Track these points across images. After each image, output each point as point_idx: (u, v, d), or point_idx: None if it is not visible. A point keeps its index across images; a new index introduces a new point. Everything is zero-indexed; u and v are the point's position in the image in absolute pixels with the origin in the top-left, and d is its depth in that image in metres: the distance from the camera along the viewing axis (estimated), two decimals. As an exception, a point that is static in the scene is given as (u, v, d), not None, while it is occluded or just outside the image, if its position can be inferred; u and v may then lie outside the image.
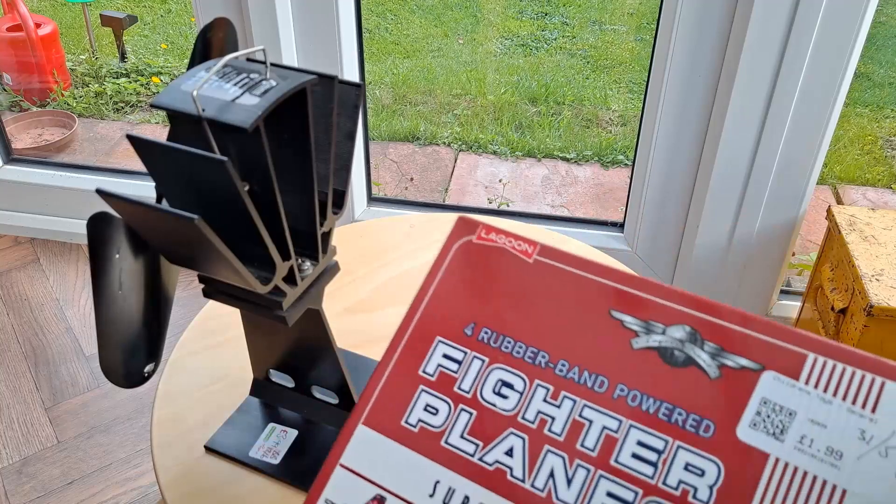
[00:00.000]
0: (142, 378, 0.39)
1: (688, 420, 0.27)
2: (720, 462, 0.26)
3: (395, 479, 0.28)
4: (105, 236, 0.34)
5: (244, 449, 0.45)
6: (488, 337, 0.31)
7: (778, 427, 0.26)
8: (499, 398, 0.29)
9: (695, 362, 0.28)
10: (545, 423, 0.28)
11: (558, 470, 0.27)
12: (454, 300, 0.32)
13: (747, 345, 0.28)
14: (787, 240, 1.15)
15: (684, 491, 0.26)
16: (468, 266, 0.33)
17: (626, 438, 0.27)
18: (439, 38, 2.38)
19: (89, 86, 2.08)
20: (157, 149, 0.31)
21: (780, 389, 0.27)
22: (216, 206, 0.30)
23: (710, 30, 1.01)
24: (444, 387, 0.30)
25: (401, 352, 0.31)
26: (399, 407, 0.30)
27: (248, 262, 0.33)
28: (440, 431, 0.29)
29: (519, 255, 0.33)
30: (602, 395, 0.28)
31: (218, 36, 0.38)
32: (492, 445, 0.28)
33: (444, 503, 0.28)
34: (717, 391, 0.28)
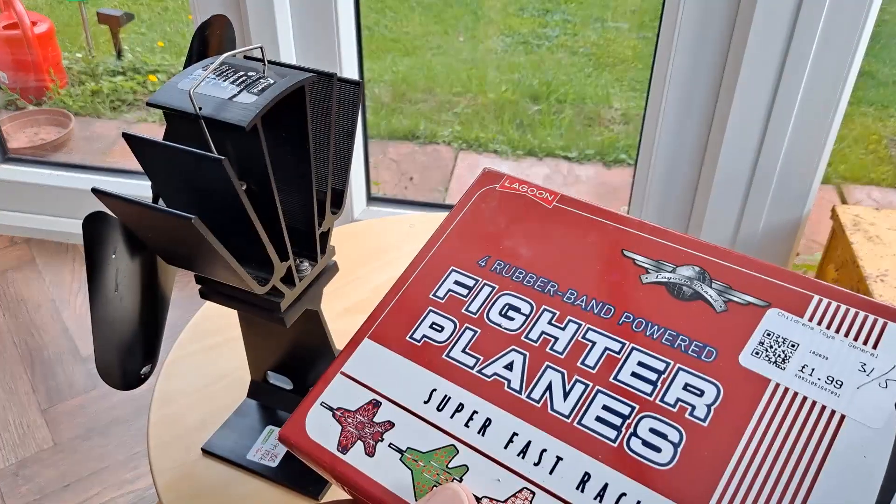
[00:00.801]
0: (138, 380, 0.39)
1: (690, 346, 0.28)
2: (720, 384, 0.27)
3: (393, 386, 0.29)
4: (101, 236, 0.33)
5: (242, 451, 0.44)
6: (501, 268, 0.32)
7: (780, 356, 0.27)
8: (504, 319, 0.31)
9: (702, 296, 0.30)
10: (548, 343, 0.30)
11: (556, 384, 0.28)
12: (471, 237, 0.34)
13: (755, 285, 0.29)
14: (791, 240, 1.14)
15: (682, 408, 0.27)
16: (488, 209, 0.35)
17: (628, 359, 0.28)
18: (439, 36, 2.38)
19: (86, 84, 2.07)
20: (154, 148, 0.30)
21: (784, 324, 0.28)
22: (213, 206, 0.30)
23: (713, 27, 1.01)
24: (452, 308, 0.31)
25: (414, 278, 0.33)
26: (406, 324, 0.31)
27: (245, 263, 0.33)
28: (443, 346, 0.30)
29: (539, 201, 0.34)
30: (607, 321, 0.30)
31: (215, 34, 0.37)
32: (492, 360, 0.30)
33: (437, 409, 0.29)
34: (722, 322, 0.29)
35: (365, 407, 0.29)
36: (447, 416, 0.28)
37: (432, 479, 0.27)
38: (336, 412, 0.30)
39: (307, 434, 0.29)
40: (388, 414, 0.29)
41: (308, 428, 0.29)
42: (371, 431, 0.29)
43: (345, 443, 0.29)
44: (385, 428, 0.29)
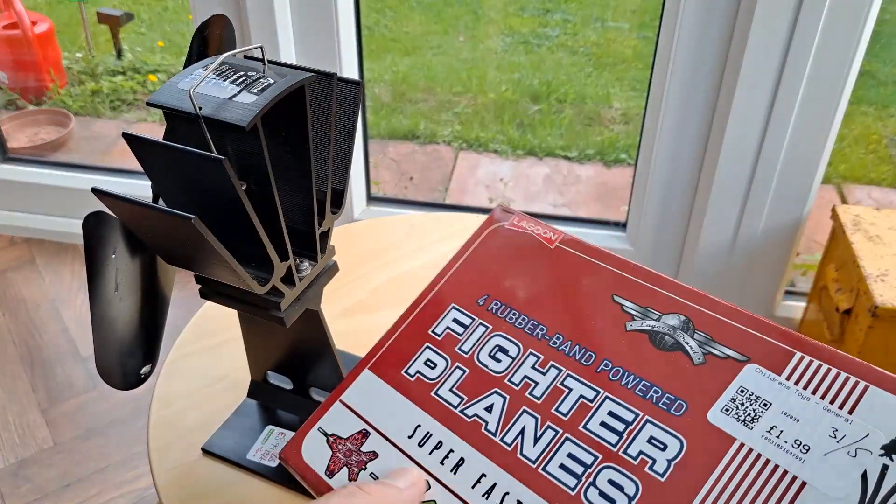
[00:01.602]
0: (138, 380, 0.39)
1: (662, 398, 0.29)
2: (684, 439, 0.28)
3: (383, 418, 0.32)
4: (101, 236, 0.33)
5: (242, 451, 0.44)
6: (497, 308, 0.34)
7: (749, 415, 0.27)
8: (492, 361, 0.33)
9: (682, 347, 0.30)
10: (528, 387, 0.31)
11: (529, 428, 0.30)
12: (475, 275, 0.36)
13: (737, 338, 0.30)
14: (791, 240, 1.14)
15: (643, 461, 0.27)
16: (494, 247, 0.37)
17: (599, 408, 0.29)
18: (439, 35, 2.37)
19: (86, 84, 2.07)
20: (153, 147, 0.30)
21: (760, 381, 0.28)
22: (213, 206, 0.30)
23: (713, 27, 1.01)
24: (447, 346, 0.34)
25: (417, 313, 0.35)
26: (403, 358, 0.34)
27: (245, 263, 0.33)
28: (433, 383, 0.33)
29: (543, 241, 0.36)
30: (586, 368, 0.31)
31: (215, 33, 0.37)
32: (475, 400, 0.31)
33: (419, 444, 0.31)
34: (697, 375, 0.29)
35: (355, 436, 0.32)
36: (426, 452, 0.30)
37: None
38: (330, 438, 0.32)
39: (302, 456, 0.32)
40: (374, 444, 0.31)
41: (304, 450, 0.32)
42: (357, 460, 0.31)
43: (332, 468, 0.31)
44: (369, 458, 0.31)
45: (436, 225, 0.67)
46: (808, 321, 1.19)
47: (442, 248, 0.63)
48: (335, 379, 0.43)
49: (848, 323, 1.01)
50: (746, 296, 1.21)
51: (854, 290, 1.01)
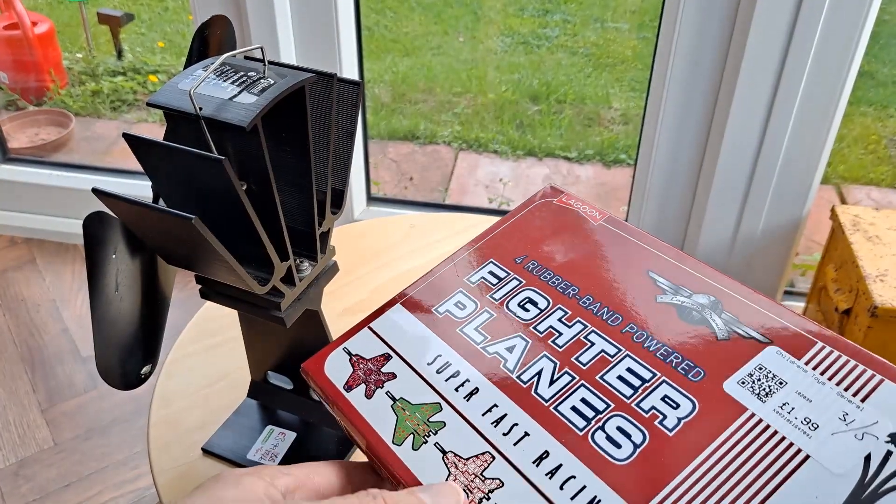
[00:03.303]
0: (139, 380, 0.39)
1: (682, 363, 0.30)
2: (697, 402, 0.29)
3: (407, 346, 0.34)
4: (101, 236, 0.33)
5: (242, 451, 0.44)
6: (533, 267, 0.36)
7: (764, 390, 0.29)
8: (520, 309, 0.34)
9: (707, 322, 0.31)
10: (551, 336, 0.33)
11: (546, 371, 0.31)
12: (517, 239, 0.38)
13: (763, 322, 0.31)
14: (790, 240, 1.14)
15: (653, 415, 0.29)
16: (539, 217, 0.39)
17: (619, 364, 0.31)
18: (439, 36, 2.38)
19: (86, 84, 2.07)
20: (154, 148, 0.30)
21: (779, 362, 0.29)
22: (214, 206, 0.30)
23: (712, 28, 1.01)
24: (479, 292, 0.36)
25: (454, 264, 0.38)
26: (435, 298, 0.36)
27: (245, 263, 0.33)
28: (459, 321, 0.34)
29: (587, 217, 0.38)
30: (611, 328, 0.32)
31: (215, 34, 0.37)
32: (498, 340, 0.33)
33: (437, 371, 0.32)
34: (719, 349, 0.30)
35: (377, 358, 0.34)
36: (442, 379, 0.32)
37: (412, 427, 0.31)
38: (353, 357, 0.34)
39: (323, 370, 0.34)
40: (394, 367, 0.33)
41: (326, 365, 0.34)
42: (375, 378, 0.33)
43: (351, 383, 0.33)
44: (388, 378, 0.33)
45: (436, 225, 0.67)
46: (808, 321, 1.19)
47: (442, 248, 0.64)
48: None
49: (847, 323, 1.01)
50: (746, 296, 1.21)
51: (853, 290, 1.01)
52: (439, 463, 0.29)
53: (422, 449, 0.30)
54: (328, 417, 0.45)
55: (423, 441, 0.30)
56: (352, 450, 0.45)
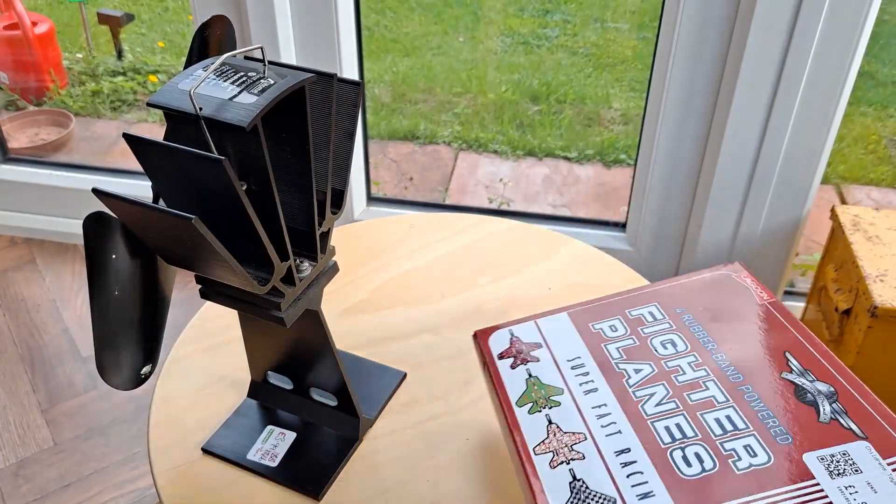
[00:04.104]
0: (139, 380, 0.39)
1: (776, 427, 0.35)
2: (773, 458, 0.33)
3: (556, 343, 0.42)
4: (101, 237, 0.33)
5: (242, 451, 0.44)
6: (687, 319, 0.43)
7: (838, 470, 0.32)
8: (661, 346, 0.41)
9: (817, 405, 0.36)
10: (676, 372, 0.39)
11: (658, 395, 0.37)
12: (687, 294, 0.45)
13: (866, 419, 0.35)
14: (790, 240, 1.14)
15: (730, 454, 0.34)
16: (714, 283, 0.45)
17: (721, 409, 0.36)
18: (439, 36, 2.38)
19: (86, 84, 2.07)
20: (154, 148, 0.30)
21: (865, 455, 0.33)
22: (214, 206, 0.30)
23: (712, 28, 1.01)
24: (633, 323, 0.43)
25: (624, 298, 0.45)
26: (596, 317, 0.44)
27: (245, 263, 0.33)
28: (607, 339, 0.42)
29: (755, 295, 0.44)
30: (730, 383, 0.38)
31: (215, 34, 0.37)
32: (630, 361, 0.40)
33: (571, 367, 0.41)
34: (816, 428, 0.35)
35: (531, 343, 0.43)
36: (572, 375, 0.40)
37: (534, 398, 0.39)
38: (513, 338, 0.44)
39: (489, 340, 0.44)
40: (540, 354, 0.42)
41: (492, 337, 0.44)
42: (522, 357, 0.42)
43: (504, 354, 0.43)
44: (532, 360, 0.42)
45: (436, 225, 0.67)
46: (808, 321, 1.19)
47: (442, 249, 0.64)
48: (335, 379, 0.43)
49: (847, 323, 1.02)
50: (746, 296, 1.21)
51: (853, 290, 1.01)
52: (543, 428, 0.38)
53: (535, 415, 0.38)
54: (328, 418, 0.45)
55: (538, 410, 0.39)
56: (351, 450, 0.45)
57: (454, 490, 0.43)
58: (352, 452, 0.45)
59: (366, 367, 0.50)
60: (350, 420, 0.45)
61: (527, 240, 0.65)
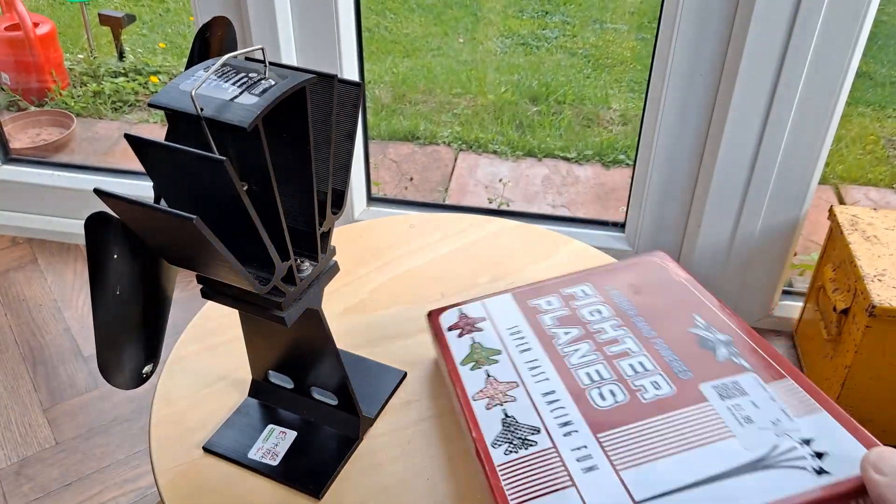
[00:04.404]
0: (140, 379, 0.39)
1: (679, 365, 0.43)
2: (675, 388, 0.41)
3: (499, 317, 0.50)
4: (103, 237, 0.34)
5: (243, 450, 0.45)
6: (615, 294, 0.50)
7: (728, 394, 0.40)
8: (587, 314, 0.48)
9: (715, 350, 0.44)
10: (600, 332, 0.46)
11: (582, 350, 0.45)
12: (616, 276, 0.52)
13: (757, 360, 0.42)
14: (789, 240, 1.14)
15: (639, 388, 0.41)
16: (640, 265, 0.53)
17: (634, 358, 0.44)
18: (439, 37, 2.38)
19: (87, 85, 2.07)
20: (155, 148, 0.31)
21: (751, 383, 0.41)
22: (215, 206, 0.30)
23: (711, 28, 1.01)
24: (567, 299, 0.50)
25: (560, 279, 0.53)
26: (534, 295, 0.51)
27: (246, 263, 0.33)
28: (542, 311, 0.49)
29: (673, 274, 0.52)
30: (644, 338, 0.45)
31: (216, 35, 0.37)
32: (561, 327, 0.47)
33: (510, 335, 0.48)
34: (712, 365, 0.42)
35: (476, 318, 0.50)
36: (511, 339, 0.47)
37: (476, 358, 0.46)
38: (461, 314, 0.51)
39: (439, 317, 0.51)
40: (484, 326, 0.49)
41: (443, 316, 0.51)
42: (468, 328, 0.49)
43: (452, 327, 0.50)
44: (476, 330, 0.49)
45: (436, 225, 0.67)
46: (806, 321, 1.20)
47: (442, 248, 0.64)
48: (336, 378, 0.44)
49: (845, 322, 1.02)
50: (744, 295, 1.21)
51: (851, 289, 1.01)
52: (482, 380, 0.45)
53: (475, 371, 0.45)
54: (329, 417, 0.46)
55: (479, 367, 0.46)
56: (352, 449, 0.45)
57: (454, 489, 0.43)
58: (352, 451, 0.45)
59: (366, 366, 0.50)
60: (351, 419, 0.45)
61: (526, 240, 0.66)
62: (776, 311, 1.24)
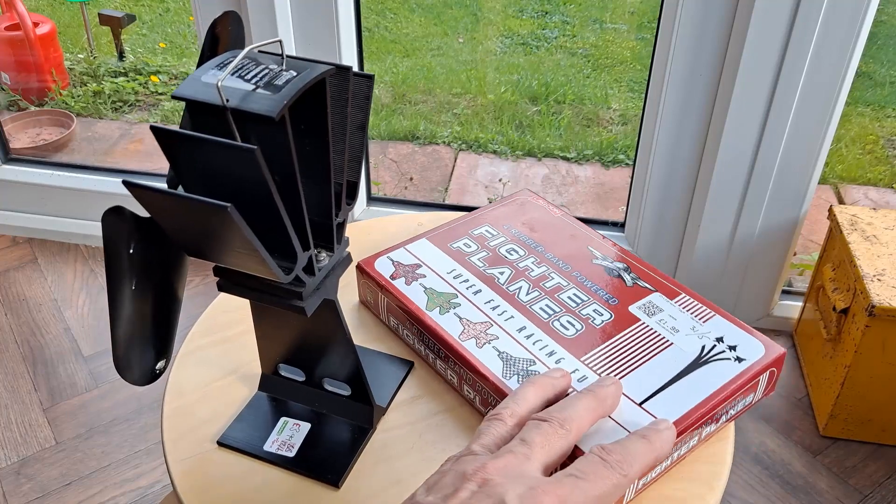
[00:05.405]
0: (154, 375, 0.39)
1: (605, 295, 0.51)
2: (613, 314, 0.49)
3: (431, 261, 0.53)
4: (120, 233, 0.34)
5: (258, 443, 0.45)
6: (515, 231, 0.56)
7: (651, 312, 0.49)
8: (506, 254, 0.54)
9: (623, 278, 0.52)
10: (527, 270, 0.53)
11: (524, 288, 0.51)
12: (502, 215, 0.58)
13: (653, 280, 0.52)
14: (788, 239, 1.15)
15: (588, 317, 0.49)
16: (517, 204, 0.60)
17: (568, 290, 0.51)
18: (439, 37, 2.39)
19: (87, 85, 2.07)
20: (183, 140, 0.31)
21: (661, 300, 0.50)
22: (239, 197, 0.30)
23: (711, 29, 1.02)
24: (480, 240, 0.55)
25: (460, 224, 0.57)
26: (448, 240, 0.56)
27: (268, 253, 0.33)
28: (467, 253, 0.54)
29: (551, 211, 0.59)
30: (564, 271, 0.53)
31: (225, 30, 0.38)
32: (493, 267, 0.53)
33: (453, 278, 0.52)
34: (627, 291, 0.51)
35: (411, 265, 0.53)
36: (458, 283, 0.51)
37: (438, 303, 0.50)
38: (395, 262, 0.53)
39: (374, 267, 0.53)
40: (424, 271, 0.52)
41: (375, 265, 0.53)
42: (411, 274, 0.52)
43: (394, 276, 0.52)
44: (420, 276, 0.52)
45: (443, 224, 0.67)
46: (805, 320, 1.20)
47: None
48: (350, 368, 0.44)
49: (845, 322, 1.02)
50: (744, 295, 1.22)
51: (851, 289, 1.02)
52: (457, 322, 0.48)
53: (445, 315, 0.48)
54: (342, 407, 0.46)
55: (447, 311, 0.49)
56: (367, 438, 0.45)
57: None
58: (367, 440, 0.45)
59: (372, 357, 0.51)
60: (364, 409, 0.45)
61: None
62: (776, 310, 1.25)
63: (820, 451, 1.06)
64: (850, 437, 1.06)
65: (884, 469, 1.03)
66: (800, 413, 1.11)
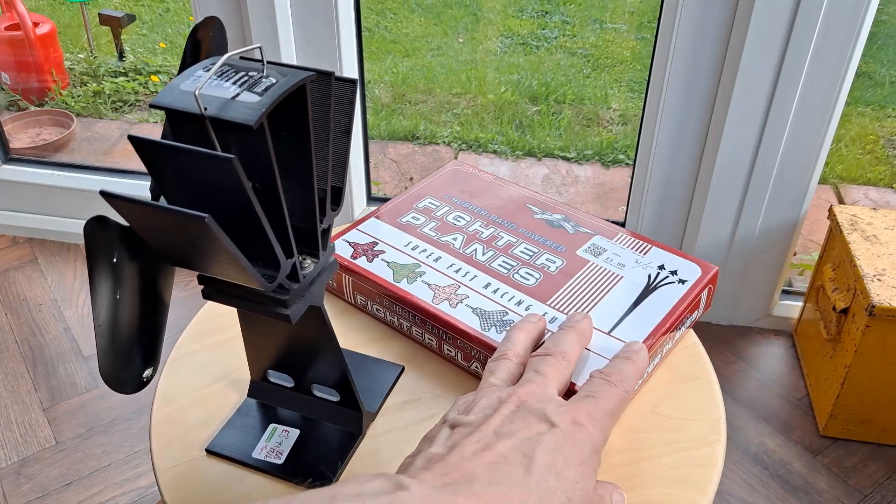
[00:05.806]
0: (141, 383, 0.39)
1: (552, 245, 0.54)
2: (565, 261, 0.53)
3: (386, 237, 0.55)
4: (102, 241, 0.34)
5: (247, 450, 0.45)
6: (457, 201, 0.59)
7: (593, 252, 0.54)
8: (454, 221, 0.57)
9: (563, 227, 0.56)
10: (477, 233, 0.56)
11: (479, 249, 0.54)
12: (440, 186, 0.61)
13: (592, 226, 0.56)
14: (788, 239, 1.15)
15: (543, 266, 0.52)
16: (452, 174, 0.62)
17: (519, 246, 0.54)
18: (439, 37, 2.38)
19: (87, 85, 2.07)
20: (160, 149, 0.31)
21: (602, 241, 0.55)
22: (220, 206, 0.30)
23: (711, 29, 1.01)
24: (426, 212, 0.58)
25: (403, 199, 0.59)
26: (397, 214, 0.58)
27: (250, 261, 0.33)
28: (418, 225, 0.56)
29: (483, 176, 0.62)
30: (511, 229, 0.56)
31: (207, 35, 0.37)
32: (446, 235, 0.55)
33: (411, 249, 0.54)
34: (571, 238, 0.55)
35: (368, 244, 0.55)
36: (417, 253, 0.54)
37: (404, 274, 0.52)
38: (351, 243, 0.55)
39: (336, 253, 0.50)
40: (382, 248, 0.54)
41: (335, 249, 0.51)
42: (371, 252, 0.54)
43: (355, 255, 0.54)
44: (379, 253, 0.54)
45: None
46: (805, 320, 1.20)
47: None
48: (338, 374, 0.44)
49: (845, 322, 1.02)
50: (744, 294, 1.21)
51: (851, 289, 1.01)
52: (427, 289, 0.50)
53: (414, 284, 0.51)
54: (330, 413, 0.46)
55: (413, 280, 0.51)
56: (356, 444, 0.45)
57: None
58: (356, 446, 0.45)
59: (362, 361, 0.50)
60: (353, 414, 0.45)
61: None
62: (776, 310, 1.24)
63: (820, 451, 1.05)
64: (849, 437, 1.06)
65: (884, 469, 1.03)
66: (800, 413, 1.11)
